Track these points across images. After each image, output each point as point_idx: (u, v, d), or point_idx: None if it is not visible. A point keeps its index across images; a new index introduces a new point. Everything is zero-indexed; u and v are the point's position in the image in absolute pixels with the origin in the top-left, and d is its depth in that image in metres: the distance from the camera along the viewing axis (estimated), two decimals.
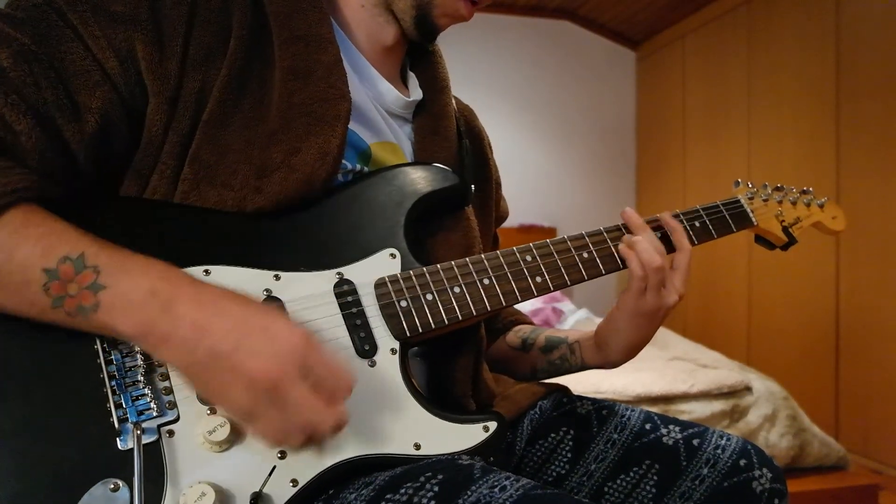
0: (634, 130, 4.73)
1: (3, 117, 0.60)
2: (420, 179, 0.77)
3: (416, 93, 0.88)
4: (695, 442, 0.83)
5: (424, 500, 0.58)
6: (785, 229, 0.96)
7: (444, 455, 0.66)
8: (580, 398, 0.94)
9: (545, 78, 4.50)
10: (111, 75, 0.66)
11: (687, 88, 4.18)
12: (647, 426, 0.86)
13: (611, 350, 0.88)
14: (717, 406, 2.04)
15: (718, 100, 3.86)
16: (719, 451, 0.82)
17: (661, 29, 4.39)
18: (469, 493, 0.58)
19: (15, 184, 0.58)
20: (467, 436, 0.68)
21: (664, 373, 2.16)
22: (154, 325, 0.57)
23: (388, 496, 0.60)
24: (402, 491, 0.60)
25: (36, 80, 0.62)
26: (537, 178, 4.42)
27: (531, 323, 1.06)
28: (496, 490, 0.58)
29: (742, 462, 0.81)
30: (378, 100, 0.83)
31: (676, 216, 0.88)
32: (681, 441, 0.84)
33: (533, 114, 4.49)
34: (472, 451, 0.68)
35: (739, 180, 0.96)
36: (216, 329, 0.57)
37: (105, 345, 0.62)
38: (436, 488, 0.59)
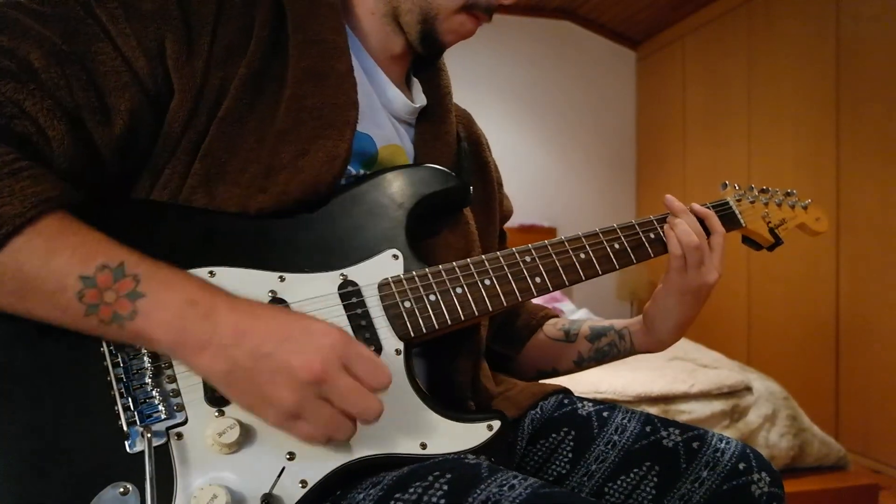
0: (634, 130, 4.73)
1: (37, 121, 0.60)
2: (421, 181, 0.78)
3: (420, 99, 0.89)
4: (694, 445, 0.84)
5: (434, 499, 0.59)
6: (771, 230, 0.98)
7: (449, 454, 0.67)
8: (581, 399, 0.95)
9: (545, 78, 4.50)
10: (139, 75, 0.66)
11: (687, 88, 4.18)
12: (648, 428, 0.87)
13: (660, 331, 0.91)
14: (717, 406, 2.05)
15: (718, 100, 3.86)
16: (719, 454, 0.83)
17: (661, 29, 4.39)
18: (478, 491, 0.59)
19: (48, 192, 0.58)
20: (472, 435, 0.69)
21: (664, 373, 2.16)
22: (191, 332, 0.57)
23: (398, 495, 0.61)
24: (412, 490, 0.60)
25: (68, 81, 0.62)
26: (537, 178, 4.42)
27: (558, 316, 1.08)
28: (505, 488, 0.58)
29: (741, 465, 0.81)
30: (386, 105, 0.84)
31: (664, 218, 0.89)
32: (681, 443, 0.84)
33: (532, 114, 4.49)
34: (476, 450, 0.68)
35: (727, 182, 0.99)
36: (256, 332, 0.58)
37: (112, 347, 0.62)
38: (445, 487, 0.60)
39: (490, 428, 0.69)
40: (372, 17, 0.83)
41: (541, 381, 0.99)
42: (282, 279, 0.69)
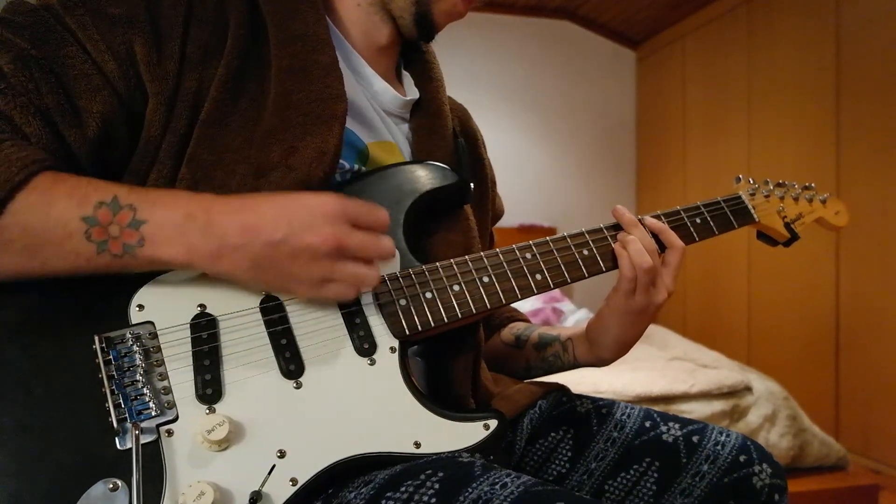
0: (634, 130, 4.72)
1: (12, 120, 0.61)
2: (419, 178, 0.77)
3: (412, 92, 0.88)
4: (694, 439, 0.83)
5: (425, 498, 0.58)
6: (787, 225, 0.95)
7: (444, 453, 0.66)
8: (579, 397, 0.94)
9: (545, 78, 4.50)
10: (111, 79, 0.66)
11: (687, 88, 4.17)
12: (647, 424, 0.86)
13: (602, 348, 0.88)
14: (718, 406, 2.04)
15: (718, 100, 3.85)
16: (719, 447, 0.82)
17: (661, 29, 4.39)
18: (470, 490, 0.58)
19: (34, 156, 0.60)
20: (467, 434, 0.68)
21: (664, 373, 2.16)
22: (200, 246, 0.60)
23: (389, 494, 0.60)
24: (403, 489, 0.60)
25: (37, 85, 0.63)
26: (537, 178, 4.42)
27: (527, 320, 1.06)
28: (497, 487, 0.58)
29: (742, 458, 0.81)
30: (375, 99, 0.83)
31: (677, 213, 0.88)
32: (680, 438, 0.84)
33: (533, 114, 4.48)
34: (472, 450, 0.67)
35: (741, 176, 0.95)
36: (262, 224, 0.61)
37: (104, 345, 0.62)
38: (436, 486, 0.59)
39: (487, 427, 0.68)
40: (357, 7, 0.83)
41: (539, 380, 0.98)
42: None
